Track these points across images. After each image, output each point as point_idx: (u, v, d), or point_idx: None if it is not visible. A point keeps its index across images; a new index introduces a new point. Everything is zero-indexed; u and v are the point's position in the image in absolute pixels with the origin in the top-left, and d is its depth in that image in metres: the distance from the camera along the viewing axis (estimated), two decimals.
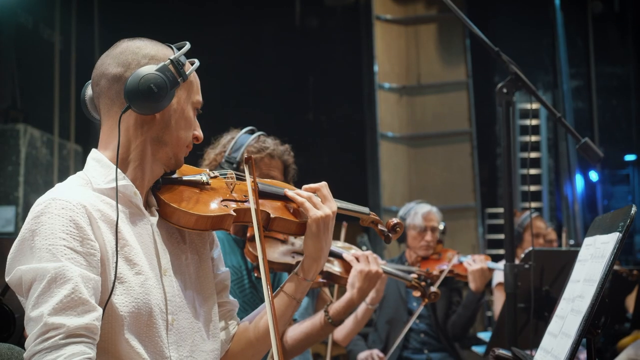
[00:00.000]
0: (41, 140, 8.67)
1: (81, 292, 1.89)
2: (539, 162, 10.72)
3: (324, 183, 2.38)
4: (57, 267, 1.89)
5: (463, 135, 9.99)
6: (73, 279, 1.89)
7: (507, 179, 3.39)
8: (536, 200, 10.63)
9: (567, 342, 2.13)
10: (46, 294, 1.87)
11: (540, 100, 3.38)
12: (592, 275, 2.16)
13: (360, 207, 2.60)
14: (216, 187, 2.29)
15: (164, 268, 2.13)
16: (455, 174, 9.94)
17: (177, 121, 2.15)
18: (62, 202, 1.97)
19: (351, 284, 3.33)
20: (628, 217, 2.08)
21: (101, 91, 2.15)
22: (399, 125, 10.13)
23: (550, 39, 10.67)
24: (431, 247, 5.38)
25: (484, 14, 10.68)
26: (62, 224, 1.94)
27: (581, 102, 10.88)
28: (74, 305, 1.88)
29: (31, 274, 1.90)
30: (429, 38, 10.29)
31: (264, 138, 3.35)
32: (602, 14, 10.67)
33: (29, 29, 9.26)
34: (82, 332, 1.87)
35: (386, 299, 5.29)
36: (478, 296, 5.13)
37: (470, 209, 9.73)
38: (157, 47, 2.17)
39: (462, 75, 10.08)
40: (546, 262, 3.83)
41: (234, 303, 2.40)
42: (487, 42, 3.38)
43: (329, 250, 2.36)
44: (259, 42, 10.85)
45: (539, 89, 10.81)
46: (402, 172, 10.05)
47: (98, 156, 2.15)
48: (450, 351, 5.26)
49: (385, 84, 10.03)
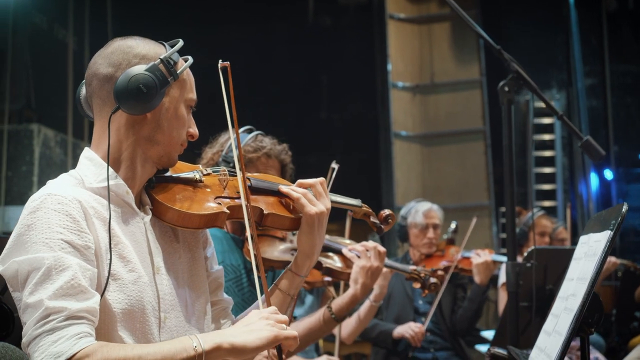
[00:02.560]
0: (55, 140, 8.72)
1: (80, 280, 1.90)
2: (554, 161, 10.67)
3: (320, 179, 2.38)
4: (55, 257, 1.89)
5: (477, 133, 9.96)
6: (72, 267, 1.90)
7: (509, 177, 3.39)
8: (550, 199, 10.58)
9: (559, 340, 2.12)
10: (45, 282, 1.87)
11: (542, 98, 3.36)
12: (585, 273, 2.15)
13: (352, 199, 2.60)
14: (209, 185, 2.29)
15: (156, 266, 2.13)
16: (469, 173, 9.91)
17: (169, 120, 2.15)
18: (58, 197, 1.98)
19: (354, 280, 3.34)
20: (619, 216, 2.08)
21: (93, 91, 2.15)
22: (413, 124, 10.12)
23: (565, 37, 10.61)
24: (434, 244, 5.40)
25: (498, 13, 10.64)
26: (58, 218, 1.95)
27: (595, 101, 10.81)
28: (73, 293, 1.88)
29: (28, 263, 1.90)
30: (443, 36, 10.27)
31: (261, 137, 3.35)
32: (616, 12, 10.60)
33: (43, 30, 9.31)
34: (83, 314, 1.87)
35: (393, 297, 5.31)
36: (483, 289, 5.14)
37: (484, 208, 9.69)
38: (148, 46, 2.16)
39: (475, 73, 10.05)
40: (550, 260, 3.82)
41: (228, 301, 2.40)
42: (489, 40, 3.37)
43: (321, 246, 2.36)
44: (272, 41, 10.84)
45: (553, 87, 10.77)
46: (416, 170, 10.03)
47: (91, 155, 2.16)
48: (456, 350, 5.26)
49: (398, 83, 10.02)
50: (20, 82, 8.74)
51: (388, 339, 5.13)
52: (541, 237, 6.32)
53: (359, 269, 3.32)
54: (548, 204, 10.37)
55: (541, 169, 10.69)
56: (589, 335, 2.22)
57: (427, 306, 5.24)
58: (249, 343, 1.96)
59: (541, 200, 10.52)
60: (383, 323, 5.22)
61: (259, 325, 2.00)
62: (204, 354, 1.91)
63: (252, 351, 1.97)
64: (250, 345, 1.96)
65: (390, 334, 5.11)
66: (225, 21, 10.59)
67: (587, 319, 2.16)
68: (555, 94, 10.78)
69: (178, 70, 2.13)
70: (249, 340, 1.96)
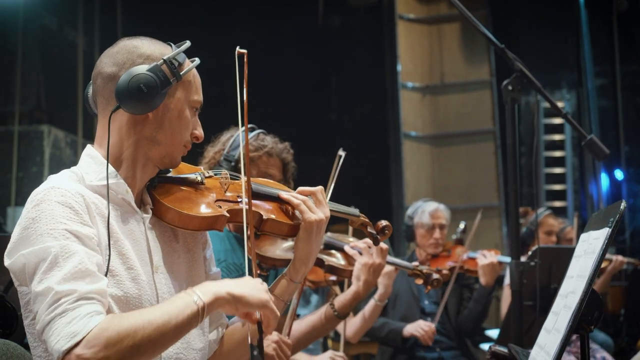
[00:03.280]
0: (65, 141, 8.76)
1: (87, 265, 1.91)
2: (564, 161, 10.64)
3: (320, 187, 2.39)
4: (61, 245, 1.90)
5: (487, 134, 9.95)
6: (78, 253, 1.91)
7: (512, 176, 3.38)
8: (561, 199, 10.55)
9: (558, 338, 2.12)
10: (53, 269, 1.88)
11: (545, 97, 3.35)
12: (584, 270, 2.15)
13: (350, 209, 2.62)
14: (210, 187, 2.31)
15: (155, 265, 2.14)
16: (478, 173, 9.90)
17: (172, 121, 2.16)
18: (61, 190, 1.99)
19: (356, 277, 3.35)
20: (617, 213, 2.07)
21: (97, 89, 2.17)
22: (422, 124, 10.12)
23: (575, 37, 10.57)
24: (440, 244, 5.40)
25: (508, 13, 10.61)
26: (62, 210, 1.96)
27: (606, 101, 10.76)
28: (82, 276, 1.88)
29: (34, 255, 1.91)
30: (453, 37, 10.26)
31: (263, 136, 3.36)
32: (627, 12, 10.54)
33: (53, 31, 9.36)
34: (93, 295, 1.88)
35: (399, 297, 5.31)
36: (489, 290, 5.13)
37: (494, 208, 9.68)
38: (154, 47, 2.17)
39: (485, 74, 10.04)
40: (555, 259, 3.81)
41: None
42: (492, 39, 3.37)
43: (317, 253, 2.38)
44: (282, 42, 10.84)
45: (563, 87, 10.74)
46: (426, 171, 10.03)
47: (92, 153, 2.17)
48: (462, 349, 5.25)
49: (408, 83, 10.02)
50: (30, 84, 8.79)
51: (398, 337, 5.12)
52: (548, 236, 6.31)
53: (361, 266, 3.34)
54: (558, 205, 10.35)
55: (551, 170, 10.66)
56: (589, 332, 2.22)
57: (434, 306, 5.24)
58: (247, 295, 2.00)
59: (551, 200, 10.49)
60: (392, 322, 5.22)
61: (254, 284, 2.05)
62: (205, 307, 1.94)
63: (247, 305, 2.01)
64: (247, 298, 2.00)
65: (400, 333, 5.11)
66: (235, 22, 10.60)
67: (587, 316, 2.16)
68: (565, 95, 10.76)
69: (182, 72, 2.13)
70: (246, 292, 2.01)
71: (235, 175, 2.37)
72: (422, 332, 5.00)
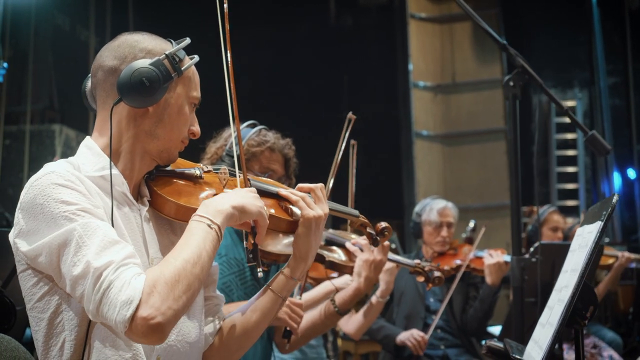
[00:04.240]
0: (76, 141, 8.79)
1: (111, 235, 1.94)
2: (576, 160, 10.61)
3: (320, 184, 2.39)
4: (81, 224, 1.92)
5: (498, 133, 9.94)
6: (100, 227, 1.93)
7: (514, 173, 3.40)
8: (573, 198, 10.52)
9: (550, 331, 2.12)
10: (82, 249, 1.89)
11: (547, 93, 3.37)
12: (577, 264, 2.16)
13: (350, 209, 2.63)
14: (209, 182, 2.32)
15: (151, 256, 2.15)
16: (490, 172, 9.89)
17: (172, 116, 2.17)
18: (62, 172, 2.00)
19: (357, 273, 3.35)
20: (609, 206, 2.08)
21: (97, 82, 2.18)
22: (434, 123, 10.12)
23: (587, 35, 10.55)
24: (447, 242, 5.39)
25: (519, 12, 10.60)
26: (69, 192, 1.97)
27: (618, 99, 10.72)
28: (111, 246, 1.91)
29: (57, 241, 1.92)
30: (464, 36, 10.26)
31: (265, 132, 3.37)
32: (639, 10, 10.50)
33: (65, 31, 9.40)
34: (128, 260, 1.90)
35: (404, 295, 5.30)
36: (494, 289, 5.11)
37: (505, 207, 9.65)
38: (155, 42, 2.19)
39: (497, 73, 10.03)
40: (557, 255, 3.78)
41: (220, 298, 2.41)
42: (494, 35, 3.37)
43: (317, 250, 2.38)
44: (294, 41, 10.86)
45: (575, 86, 10.71)
46: (437, 170, 10.03)
47: (90, 144, 2.18)
48: (467, 347, 5.24)
49: (420, 83, 10.02)
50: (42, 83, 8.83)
51: (391, 344, 5.12)
52: (553, 232, 6.29)
53: (362, 262, 3.34)
54: (571, 203, 10.32)
55: (564, 168, 10.64)
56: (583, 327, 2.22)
57: (439, 304, 5.22)
58: (247, 204, 2.12)
59: (563, 199, 10.47)
60: (389, 326, 5.20)
61: (246, 193, 2.17)
62: (220, 227, 2.04)
63: (248, 214, 2.13)
64: (247, 207, 2.12)
65: (394, 340, 5.10)
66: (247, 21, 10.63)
67: (581, 310, 2.17)
68: (577, 93, 10.73)
69: (183, 67, 2.15)
70: (245, 202, 2.12)
71: (234, 171, 2.38)
72: (414, 342, 4.99)
